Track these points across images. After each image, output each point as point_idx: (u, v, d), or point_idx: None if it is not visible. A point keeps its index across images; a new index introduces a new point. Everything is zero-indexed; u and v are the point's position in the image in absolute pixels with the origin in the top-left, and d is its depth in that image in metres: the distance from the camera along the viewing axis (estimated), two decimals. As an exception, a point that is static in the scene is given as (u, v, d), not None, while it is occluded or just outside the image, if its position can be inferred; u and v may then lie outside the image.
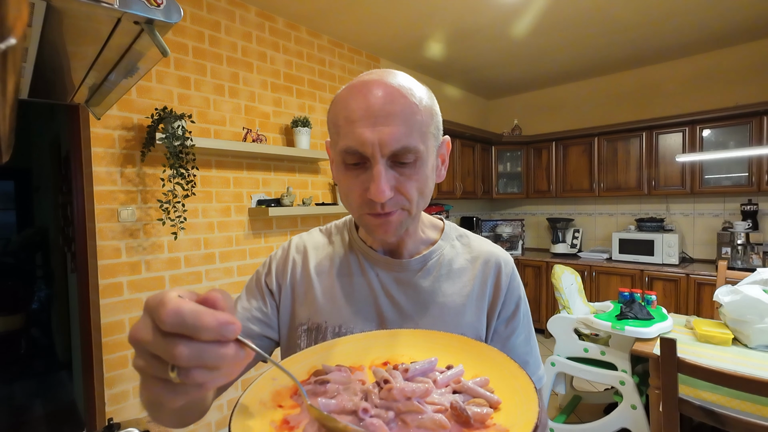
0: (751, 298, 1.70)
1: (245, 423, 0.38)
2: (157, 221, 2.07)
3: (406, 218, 0.56)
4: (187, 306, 0.28)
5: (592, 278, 3.55)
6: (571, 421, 2.30)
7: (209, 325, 0.28)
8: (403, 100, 0.51)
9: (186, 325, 0.28)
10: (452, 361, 0.48)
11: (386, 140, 0.50)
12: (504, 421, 0.36)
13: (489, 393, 0.40)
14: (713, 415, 1.18)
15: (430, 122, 0.54)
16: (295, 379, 0.39)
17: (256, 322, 0.63)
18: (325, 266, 0.66)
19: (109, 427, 1.03)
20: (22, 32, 0.24)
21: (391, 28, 2.88)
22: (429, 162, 0.55)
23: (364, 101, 0.51)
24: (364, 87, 0.52)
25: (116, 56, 0.70)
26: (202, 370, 0.29)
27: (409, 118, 0.51)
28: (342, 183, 0.56)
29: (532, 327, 0.69)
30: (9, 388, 3.12)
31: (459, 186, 3.78)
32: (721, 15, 2.76)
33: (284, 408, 0.42)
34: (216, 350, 0.29)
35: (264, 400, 0.42)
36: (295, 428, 0.38)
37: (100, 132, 1.92)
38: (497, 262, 0.66)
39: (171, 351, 0.28)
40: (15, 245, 4.38)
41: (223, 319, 0.29)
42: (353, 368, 0.48)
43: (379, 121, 0.50)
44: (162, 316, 0.28)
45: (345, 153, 0.52)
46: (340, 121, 0.53)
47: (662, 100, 3.64)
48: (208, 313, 0.28)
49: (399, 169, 0.53)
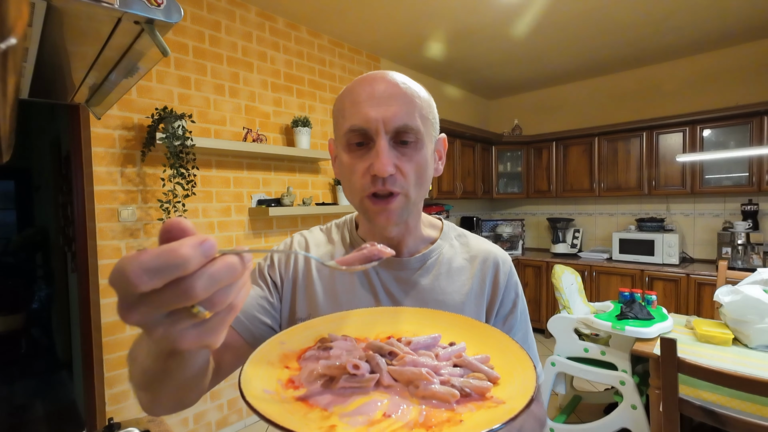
0: (751, 298, 1.70)
1: (254, 377, 0.39)
2: (157, 221, 2.07)
3: (405, 205, 0.57)
4: (149, 254, 0.25)
5: (592, 278, 3.55)
6: (571, 421, 2.29)
7: (189, 254, 0.25)
8: (404, 87, 0.56)
9: (168, 269, 0.25)
10: (455, 339, 0.49)
11: (389, 117, 0.54)
12: (501, 394, 0.37)
13: (489, 369, 0.41)
14: (713, 415, 1.18)
15: (430, 112, 0.59)
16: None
17: (261, 311, 0.62)
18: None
19: (110, 427, 1.03)
20: (23, 32, 0.24)
21: (391, 27, 2.88)
22: (428, 148, 0.58)
23: (369, 87, 0.56)
24: (369, 77, 0.57)
25: (116, 56, 0.71)
26: (222, 291, 0.27)
27: (410, 101, 0.56)
28: (345, 166, 0.58)
29: (529, 325, 0.69)
30: (9, 387, 3.12)
31: (459, 186, 3.78)
32: (721, 15, 2.76)
33: (290, 369, 0.43)
34: (221, 267, 0.27)
35: (272, 360, 0.43)
36: (300, 387, 0.39)
37: (101, 132, 1.92)
38: (495, 260, 0.67)
39: (181, 294, 0.25)
40: (15, 245, 4.38)
41: (195, 240, 0.26)
42: (359, 339, 0.49)
43: (382, 101, 0.54)
44: (134, 279, 0.24)
45: (350, 132, 0.55)
46: (345, 105, 0.57)
47: (662, 100, 3.64)
48: (179, 244, 0.25)
49: (400, 149, 0.56)
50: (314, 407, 0.36)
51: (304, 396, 0.38)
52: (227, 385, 2.37)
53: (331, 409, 0.36)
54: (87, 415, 2.00)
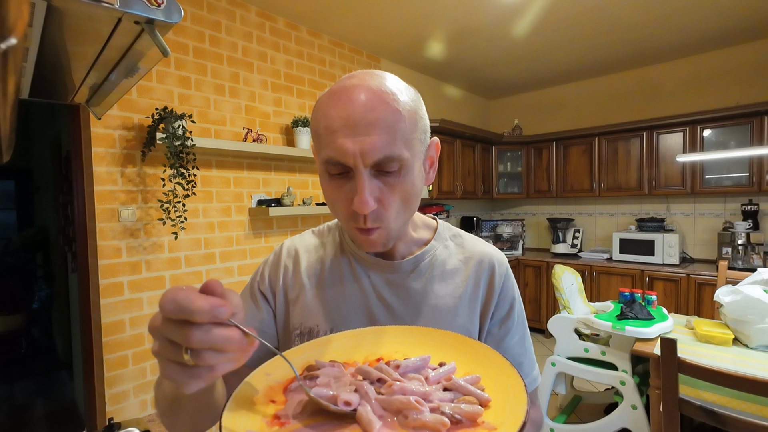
0: (751, 298, 1.70)
1: (237, 417, 0.38)
2: (157, 221, 2.07)
3: (388, 235, 0.55)
4: (183, 293, 0.32)
5: (592, 278, 3.55)
6: (571, 421, 2.29)
7: (202, 307, 0.31)
8: (384, 107, 0.49)
9: (182, 309, 0.31)
10: (445, 358, 0.48)
11: (368, 150, 0.48)
12: (493, 419, 0.37)
13: (479, 391, 0.41)
14: (714, 415, 1.18)
15: (415, 128, 0.52)
16: (296, 372, 0.42)
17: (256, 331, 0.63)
18: (317, 269, 0.66)
19: (110, 427, 1.03)
20: (23, 32, 0.24)
21: (391, 27, 2.88)
22: (415, 169, 0.53)
23: (343, 110, 0.48)
24: (344, 94, 0.50)
25: (117, 56, 0.70)
26: (211, 352, 0.33)
27: (392, 126, 0.49)
28: (327, 193, 0.55)
29: (526, 328, 0.68)
30: (9, 387, 3.12)
31: (459, 186, 3.78)
32: (721, 15, 2.76)
33: (276, 403, 0.42)
34: (221, 332, 0.33)
35: (257, 396, 0.43)
36: (286, 423, 0.39)
37: (101, 132, 1.92)
38: (491, 262, 0.65)
39: (181, 334, 0.32)
40: (16, 245, 4.38)
41: (215, 302, 0.32)
42: (347, 364, 0.48)
43: (359, 131, 0.48)
44: (162, 304, 0.32)
45: (327, 164, 0.51)
46: (320, 130, 0.51)
47: (663, 100, 3.64)
48: (201, 297, 0.32)
49: (383, 179, 0.51)
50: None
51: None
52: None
53: None
54: (87, 415, 2.00)
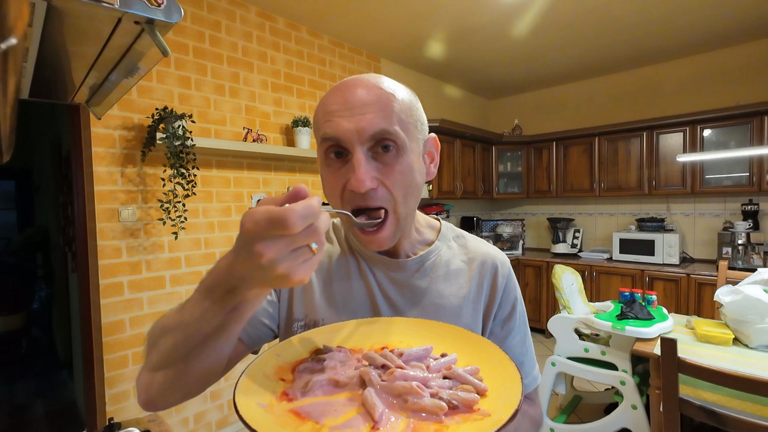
0: (751, 298, 1.70)
1: (249, 391, 0.40)
2: (157, 221, 2.07)
3: (395, 226, 0.55)
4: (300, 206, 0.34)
5: (592, 278, 3.55)
6: (571, 421, 2.29)
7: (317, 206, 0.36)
8: (378, 91, 0.52)
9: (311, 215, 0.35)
10: (447, 350, 0.50)
11: (364, 126, 0.50)
12: (488, 407, 0.39)
13: (477, 381, 0.42)
14: (714, 415, 1.18)
15: (410, 115, 0.55)
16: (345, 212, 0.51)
17: (262, 313, 0.62)
18: (324, 263, 0.66)
19: (110, 427, 1.03)
20: (23, 32, 0.24)
21: (391, 27, 2.88)
22: (413, 152, 0.55)
23: (341, 96, 0.52)
24: (343, 85, 0.54)
25: (117, 56, 0.70)
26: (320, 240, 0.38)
27: (386, 105, 0.52)
28: (324, 180, 0.56)
29: (528, 328, 0.69)
30: (9, 387, 3.12)
31: (459, 186, 3.78)
32: (721, 15, 2.76)
33: (285, 381, 0.44)
34: (327, 218, 0.38)
35: (268, 373, 0.45)
36: (293, 400, 0.41)
37: (101, 132, 1.92)
38: (494, 263, 0.66)
39: (313, 233, 0.36)
40: (16, 245, 4.39)
41: (315, 199, 0.36)
42: (353, 350, 0.50)
43: (355, 111, 0.51)
44: (294, 221, 0.34)
45: (324, 141, 0.53)
46: (319, 116, 0.54)
47: (663, 100, 3.64)
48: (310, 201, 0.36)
49: (381, 159, 0.52)
50: (306, 420, 0.38)
51: (296, 409, 0.39)
52: (227, 385, 2.37)
53: (323, 421, 0.37)
54: (87, 414, 2.00)
